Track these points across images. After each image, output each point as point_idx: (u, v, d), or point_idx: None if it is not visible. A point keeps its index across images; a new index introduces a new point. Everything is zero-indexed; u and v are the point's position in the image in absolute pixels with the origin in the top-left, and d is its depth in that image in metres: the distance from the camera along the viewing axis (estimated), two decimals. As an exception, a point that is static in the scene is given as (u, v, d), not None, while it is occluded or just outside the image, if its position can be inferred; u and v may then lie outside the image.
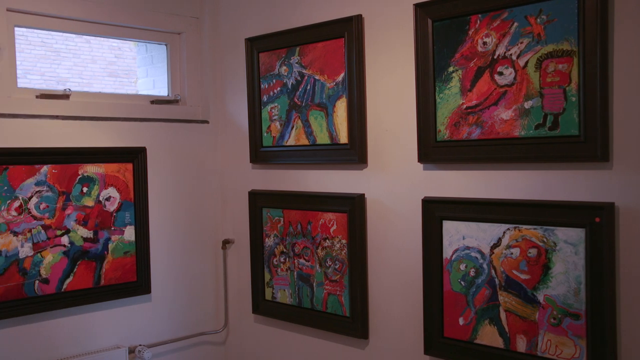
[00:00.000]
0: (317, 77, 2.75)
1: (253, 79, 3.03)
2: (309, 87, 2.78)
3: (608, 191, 1.96)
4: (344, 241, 2.69)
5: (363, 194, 2.63)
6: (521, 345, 2.16)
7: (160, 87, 3.33)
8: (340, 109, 2.66)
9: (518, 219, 2.15)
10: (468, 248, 2.28)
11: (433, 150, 2.35)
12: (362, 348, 2.69)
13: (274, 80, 2.93)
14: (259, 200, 3.05)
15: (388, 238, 2.57)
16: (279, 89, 2.92)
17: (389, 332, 2.60)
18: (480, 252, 2.25)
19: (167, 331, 3.13)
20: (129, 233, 2.94)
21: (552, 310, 2.08)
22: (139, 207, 2.97)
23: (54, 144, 2.71)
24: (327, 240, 2.76)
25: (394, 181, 2.54)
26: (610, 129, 1.94)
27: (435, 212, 2.36)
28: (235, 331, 3.31)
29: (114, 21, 2.98)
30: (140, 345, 2.97)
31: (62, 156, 2.73)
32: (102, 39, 3.57)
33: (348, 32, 2.60)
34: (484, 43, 2.20)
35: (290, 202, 2.91)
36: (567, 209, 2.03)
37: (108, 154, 2.87)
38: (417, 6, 2.35)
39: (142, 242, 2.98)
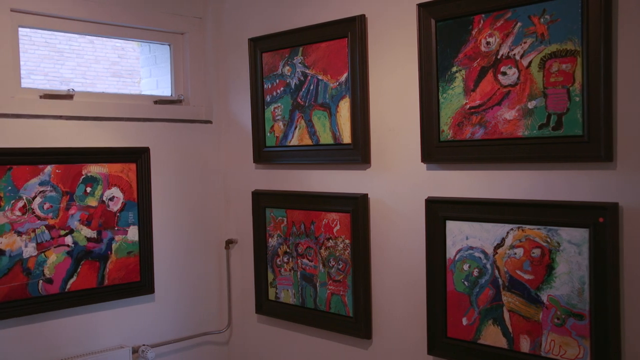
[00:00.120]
0: (320, 77, 2.75)
1: (256, 79, 3.03)
2: (312, 87, 2.78)
3: (612, 191, 1.96)
4: (347, 241, 2.69)
5: (366, 194, 2.63)
6: (525, 345, 2.16)
7: (163, 87, 3.34)
8: (344, 109, 2.66)
9: (521, 219, 2.14)
10: (471, 248, 2.28)
11: (436, 150, 2.35)
12: (365, 348, 2.69)
13: (277, 80, 2.93)
14: (262, 200, 3.05)
15: (391, 238, 2.57)
16: (282, 89, 2.92)
17: (392, 332, 2.59)
18: (483, 252, 2.25)
19: (170, 331, 3.14)
20: (133, 233, 2.95)
21: (555, 311, 2.07)
22: (142, 207, 2.97)
23: (57, 144, 2.72)
24: (330, 240, 2.76)
25: (397, 181, 2.53)
26: (614, 129, 1.93)
27: (439, 212, 2.36)
28: (238, 331, 3.31)
29: (117, 21, 2.98)
30: (144, 345, 2.97)
31: (66, 156, 2.73)
32: (105, 39, 3.56)
33: (351, 32, 2.60)
34: (488, 43, 2.19)
35: (294, 202, 2.91)
36: (571, 209, 2.03)
37: (111, 154, 2.87)
38: (420, 6, 2.35)
39: (146, 242, 2.99)
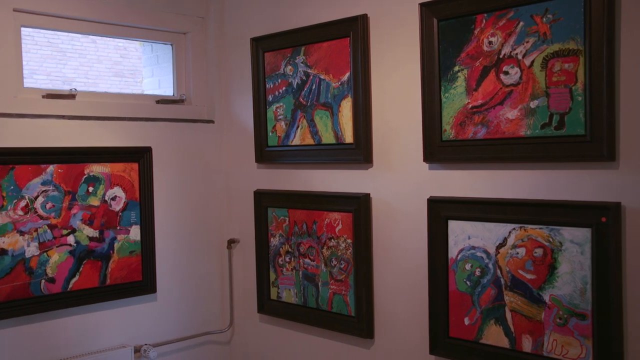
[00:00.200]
0: (322, 77, 2.75)
1: (258, 79, 3.03)
2: (314, 87, 2.78)
3: (614, 191, 1.96)
4: (349, 241, 2.69)
5: (368, 194, 2.63)
6: (527, 345, 2.16)
7: (165, 87, 3.34)
8: (346, 108, 2.66)
9: (524, 218, 2.14)
10: (473, 248, 2.28)
11: (438, 149, 2.35)
12: (367, 348, 2.69)
13: (279, 80, 2.93)
14: (264, 200, 3.06)
15: (393, 238, 2.57)
16: (284, 88, 2.92)
17: (394, 331, 2.59)
18: (485, 251, 2.24)
19: (172, 330, 3.14)
20: (135, 232, 2.95)
21: (558, 310, 2.07)
22: (144, 206, 2.97)
23: (60, 144, 2.72)
24: (332, 240, 2.76)
25: (400, 181, 2.53)
26: (616, 129, 1.93)
27: (441, 211, 2.36)
28: (240, 331, 3.31)
29: (119, 21, 2.98)
30: (146, 345, 2.98)
31: (68, 156, 2.73)
32: (107, 39, 3.57)
33: (353, 31, 2.60)
34: (490, 42, 2.19)
35: (296, 201, 2.91)
36: (573, 209, 2.02)
37: (114, 154, 2.87)
38: (422, 5, 2.34)
39: (148, 241, 2.99)
